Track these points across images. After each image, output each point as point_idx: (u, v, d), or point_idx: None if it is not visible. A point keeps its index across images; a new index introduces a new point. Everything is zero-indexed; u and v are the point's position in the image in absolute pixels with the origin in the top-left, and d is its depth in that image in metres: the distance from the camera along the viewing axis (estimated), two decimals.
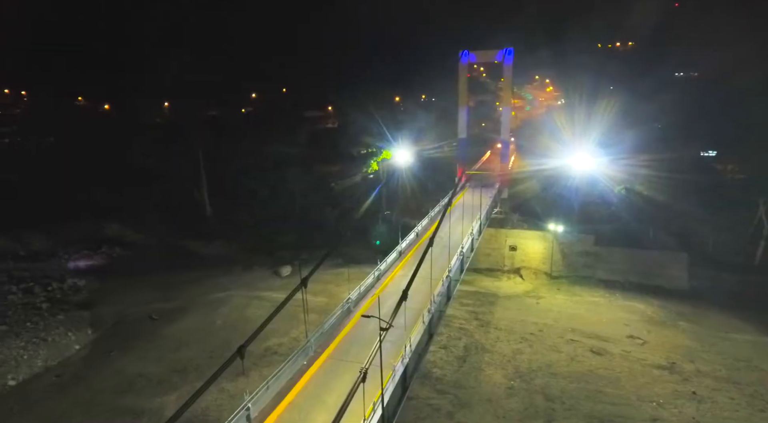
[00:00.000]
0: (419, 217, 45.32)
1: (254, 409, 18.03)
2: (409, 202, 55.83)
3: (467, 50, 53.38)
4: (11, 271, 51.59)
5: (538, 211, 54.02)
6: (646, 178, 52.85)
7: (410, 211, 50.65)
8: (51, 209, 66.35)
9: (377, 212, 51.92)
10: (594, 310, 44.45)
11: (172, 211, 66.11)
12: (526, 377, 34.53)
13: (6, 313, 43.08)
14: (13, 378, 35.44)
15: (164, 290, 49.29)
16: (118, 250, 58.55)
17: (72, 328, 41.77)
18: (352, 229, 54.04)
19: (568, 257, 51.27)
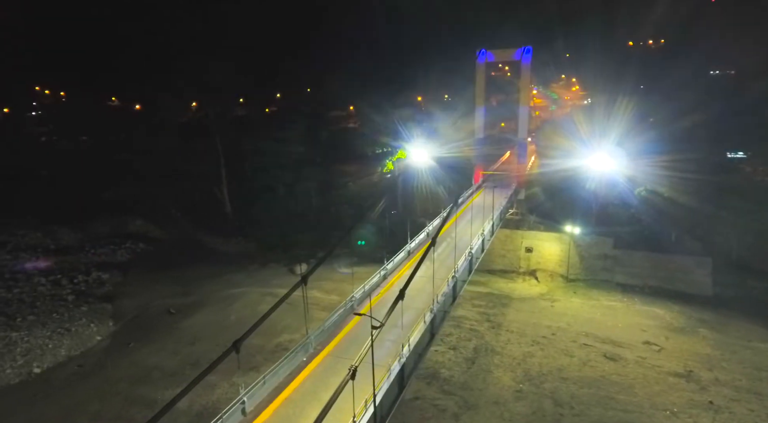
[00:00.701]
0: (433, 217, 45.15)
1: (250, 403, 18.42)
2: (423, 201, 55.72)
3: (485, 49, 52.84)
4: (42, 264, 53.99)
5: (556, 212, 53.06)
6: (669, 179, 51.19)
7: (424, 211, 50.51)
8: (81, 205, 69.36)
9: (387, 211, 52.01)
10: (610, 315, 43.41)
11: (194, 208, 67.92)
12: (535, 381, 34.06)
13: (35, 304, 45.17)
14: (38, 366, 37.13)
15: (183, 285, 50.70)
16: (141, 246, 60.51)
17: (94, 319, 43.45)
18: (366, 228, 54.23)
19: (586, 260, 50.19)
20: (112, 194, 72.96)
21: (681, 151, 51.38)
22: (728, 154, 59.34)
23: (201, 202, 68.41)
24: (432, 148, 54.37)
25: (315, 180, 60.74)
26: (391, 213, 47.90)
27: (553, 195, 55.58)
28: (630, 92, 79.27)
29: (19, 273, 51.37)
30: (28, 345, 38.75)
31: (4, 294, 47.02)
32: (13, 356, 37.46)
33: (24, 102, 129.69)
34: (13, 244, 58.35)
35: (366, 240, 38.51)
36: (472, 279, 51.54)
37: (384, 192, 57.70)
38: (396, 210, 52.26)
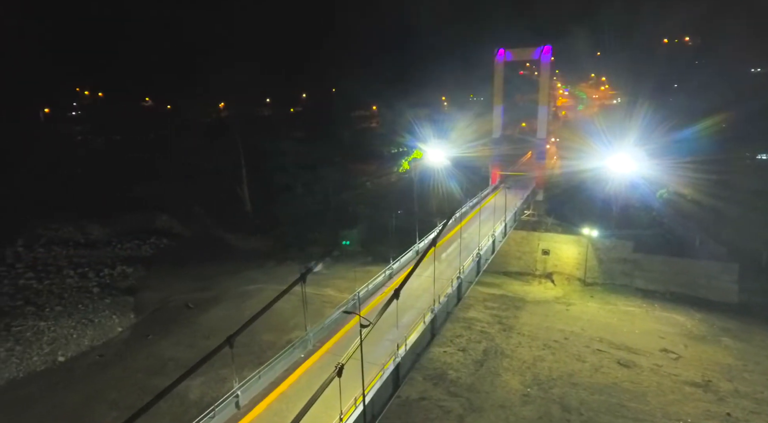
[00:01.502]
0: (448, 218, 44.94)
1: (244, 397, 18.89)
2: (438, 201, 55.52)
3: (503, 48, 52.21)
4: (71, 257, 56.57)
5: (574, 214, 51.94)
6: (694, 180, 49.31)
7: (439, 211, 50.35)
8: (112, 201, 72.20)
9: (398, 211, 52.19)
10: (627, 321, 42.24)
11: (216, 205, 69.72)
12: (544, 385, 33.53)
13: (63, 295, 47.39)
14: (63, 354, 38.95)
15: (202, 280, 52.17)
16: (165, 241, 62.52)
17: (117, 311, 45.24)
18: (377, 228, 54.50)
19: (605, 264, 48.98)
20: (141, 191, 75.54)
21: (707, 152, 49.43)
22: (758, 156, 56.68)
23: (223, 200, 70.20)
24: (448, 148, 54.12)
25: (333, 179, 61.36)
26: (398, 212, 47.77)
27: (572, 196, 54.41)
28: (661, 91, 76.81)
29: (50, 265, 53.91)
30: (54, 334, 40.68)
31: (36, 285, 49.50)
32: (40, 345, 39.41)
33: (65, 102, 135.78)
34: (47, 238, 61.24)
35: (376, 240, 38.85)
36: (486, 281, 51.43)
37: (400, 192, 57.74)
38: (401, 210, 52.20)
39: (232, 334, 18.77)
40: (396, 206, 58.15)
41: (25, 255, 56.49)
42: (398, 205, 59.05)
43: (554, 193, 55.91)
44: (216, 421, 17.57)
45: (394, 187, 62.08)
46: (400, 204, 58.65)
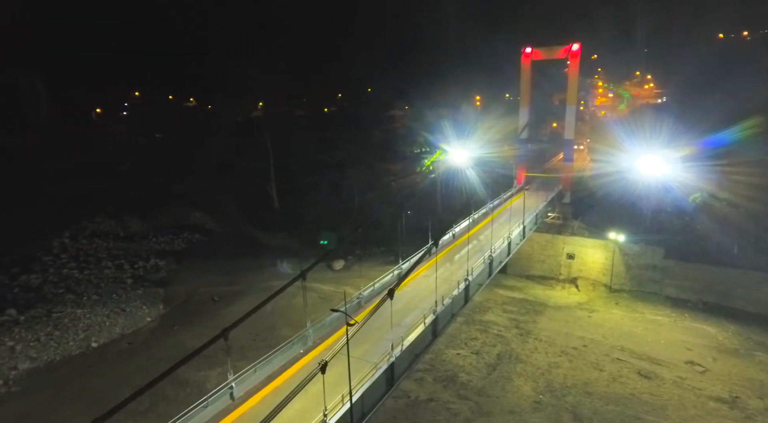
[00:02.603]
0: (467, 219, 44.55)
1: (240, 389, 19.60)
2: (460, 202, 54.93)
3: (530, 47, 51.09)
4: (110, 249, 59.89)
5: (603, 217, 50.21)
6: (732, 184, 46.47)
7: (459, 212, 49.77)
8: (151, 196, 75.93)
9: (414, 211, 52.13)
10: (653, 330, 40.50)
11: (247, 202, 71.93)
12: (557, 393, 32.77)
13: (99, 285, 50.29)
14: (95, 341, 41.40)
15: (228, 275, 54.00)
16: (197, 236, 65.09)
17: (147, 302, 47.57)
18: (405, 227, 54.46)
19: (633, 270, 47.08)
20: (178, 187, 79.05)
21: (748, 154, 46.45)
22: None
23: (253, 198, 72.34)
24: (472, 148, 53.51)
25: (359, 179, 61.96)
26: (407, 213, 47.71)
27: (600, 199, 52.55)
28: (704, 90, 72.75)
29: (91, 256, 57.33)
30: (89, 321, 43.26)
31: (77, 274, 52.76)
32: (76, 331, 42.03)
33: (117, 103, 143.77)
34: (90, 231, 65.05)
35: (399, 239, 39.31)
36: (508, 284, 50.69)
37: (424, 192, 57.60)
38: (410, 210, 52.12)
39: (227, 328, 19.55)
40: (419, 206, 58.14)
41: (70, 246, 60.25)
42: (422, 205, 59.02)
43: (582, 196, 54.14)
44: (209, 410, 18.31)
45: (417, 188, 62.08)
46: (423, 204, 58.52)
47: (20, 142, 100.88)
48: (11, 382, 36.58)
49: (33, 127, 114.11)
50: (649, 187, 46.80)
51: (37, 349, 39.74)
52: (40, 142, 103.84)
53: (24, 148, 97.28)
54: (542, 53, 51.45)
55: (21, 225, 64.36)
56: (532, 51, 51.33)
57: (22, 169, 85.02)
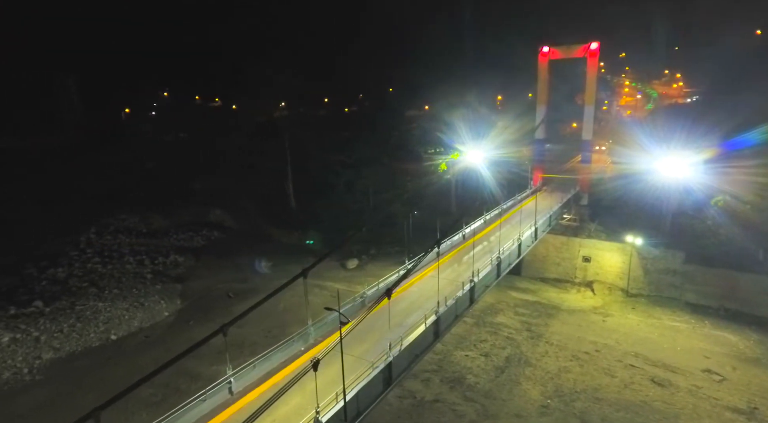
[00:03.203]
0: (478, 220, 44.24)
1: (238, 384, 20.05)
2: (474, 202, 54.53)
3: (547, 46, 50.30)
4: (133, 244, 61.77)
5: (621, 220, 49.03)
6: (759, 187, 44.65)
7: (474, 213, 49.43)
8: (174, 194, 77.98)
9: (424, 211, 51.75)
10: (670, 336, 39.37)
11: (265, 201, 73.10)
12: (566, 398, 32.27)
13: (121, 280, 51.95)
14: (115, 334, 42.84)
15: (244, 272, 55.04)
16: (216, 234, 66.48)
17: (165, 297, 48.90)
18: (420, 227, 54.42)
19: (651, 274, 45.85)
20: (200, 185, 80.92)
21: None
22: None
23: (271, 197, 73.44)
24: (487, 149, 53.02)
25: (374, 179, 62.16)
26: (414, 213, 47.59)
27: (618, 201, 51.30)
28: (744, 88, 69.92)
29: (115, 252, 59.26)
30: (109, 314, 44.78)
31: (101, 269, 54.61)
32: (96, 323, 43.56)
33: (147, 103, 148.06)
34: (115, 227, 67.17)
35: (413, 239, 39.50)
36: (521, 286, 50.10)
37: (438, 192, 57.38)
38: (424, 210, 51.88)
39: (225, 323, 20.04)
40: (434, 206, 57.95)
41: (95, 241, 62.40)
42: (437, 205, 58.84)
43: (600, 198, 52.95)
44: (207, 404, 18.79)
45: (433, 188, 61.90)
46: (438, 204, 58.33)
47: (55, 141, 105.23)
48: (35, 371, 38.23)
49: (67, 126, 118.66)
50: (670, 190, 45.43)
51: (60, 340, 41.36)
52: (73, 141, 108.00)
53: (58, 147, 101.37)
54: (560, 52, 50.56)
55: (53, 220, 67.22)
56: (550, 50, 50.52)
57: (57, 167, 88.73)
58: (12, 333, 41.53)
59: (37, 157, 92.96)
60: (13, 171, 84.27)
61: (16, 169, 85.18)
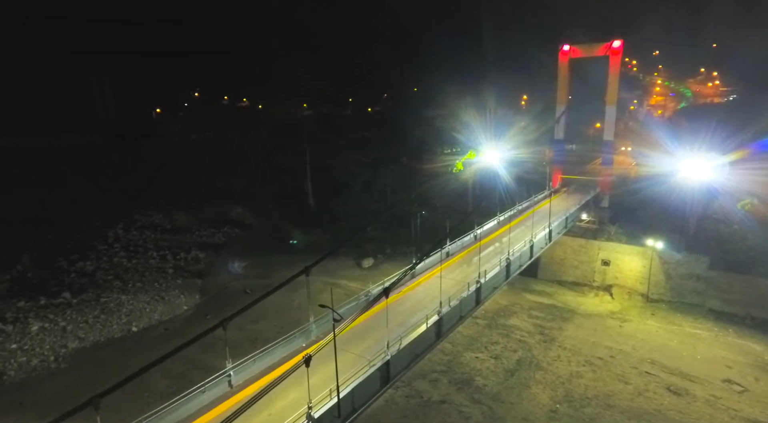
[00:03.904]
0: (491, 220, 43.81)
1: (238, 378, 20.55)
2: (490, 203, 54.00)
3: (567, 44, 49.31)
4: (158, 240, 63.81)
5: (643, 223, 47.62)
6: None
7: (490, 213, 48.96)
8: (198, 191, 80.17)
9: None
10: (690, 344, 38.04)
11: (285, 199, 74.27)
12: (575, 403, 31.64)
13: (144, 274, 53.80)
14: (136, 325, 44.40)
15: (261, 269, 56.05)
16: (236, 231, 68.00)
17: (185, 291, 50.37)
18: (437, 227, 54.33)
19: (673, 279, 44.39)
20: (223, 183, 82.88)
21: None
22: None
23: (291, 195, 74.58)
24: (505, 149, 52.34)
25: (392, 178, 62.28)
26: (422, 213, 47.35)
27: (641, 204, 49.79)
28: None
29: (140, 247, 61.37)
30: (131, 307, 46.45)
31: (126, 263, 56.68)
32: (119, 315, 45.25)
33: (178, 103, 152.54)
34: (141, 223, 69.62)
35: (429, 239, 39.54)
36: (537, 288, 49.38)
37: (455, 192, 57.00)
38: (425, 211, 51.58)
39: (225, 318, 20.52)
40: (451, 206, 57.65)
41: (122, 236, 64.79)
42: (454, 205, 58.50)
43: (621, 200, 51.51)
44: (207, 396, 19.36)
45: (449, 188, 61.57)
46: (455, 204, 57.98)
47: (89, 140, 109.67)
48: (60, 359, 40.02)
49: (101, 125, 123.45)
50: (695, 192, 43.82)
51: (85, 330, 43.18)
52: (107, 139, 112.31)
53: (92, 145, 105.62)
54: (581, 51, 49.46)
55: (85, 216, 70.09)
56: (570, 48, 49.48)
57: (91, 164, 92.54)
58: (41, 322, 43.65)
59: (73, 155, 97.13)
60: (50, 168, 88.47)
61: (52, 167, 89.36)
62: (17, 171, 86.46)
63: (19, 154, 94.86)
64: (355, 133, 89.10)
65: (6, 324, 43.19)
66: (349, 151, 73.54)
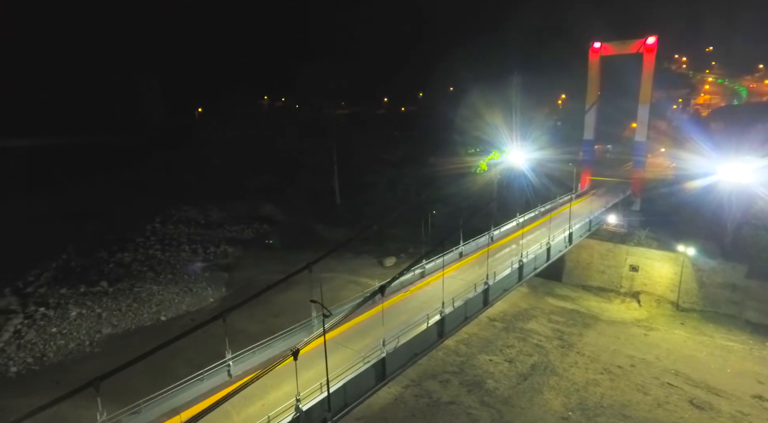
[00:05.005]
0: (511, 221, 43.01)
1: (239, 368, 21.31)
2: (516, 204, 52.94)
3: (599, 40, 47.64)
4: (191, 234, 66.53)
5: (676, 228, 45.39)
6: None
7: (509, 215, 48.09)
8: (233, 188, 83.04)
9: None
10: (720, 356, 36.02)
11: (313, 197, 75.65)
12: (589, 412, 30.70)
13: (176, 266, 56.27)
14: (164, 315, 46.53)
15: (286, 264, 57.14)
16: (265, 227, 69.86)
17: (212, 284, 52.30)
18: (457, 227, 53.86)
19: (707, 288, 42.10)
20: (256, 181, 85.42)
21: None
22: None
23: (319, 193, 75.88)
24: (534, 149, 51.23)
25: (416, 177, 62.19)
26: (432, 212, 46.85)
27: (675, 208, 47.43)
28: None
29: (174, 240, 64.20)
30: (162, 297, 48.72)
31: (160, 255, 59.46)
32: (150, 305, 47.55)
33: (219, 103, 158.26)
34: (177, 217, 72.79)
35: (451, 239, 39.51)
36: (561, 293, 48.13)
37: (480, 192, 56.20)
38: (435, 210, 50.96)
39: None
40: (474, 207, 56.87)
41: (159, 230, 67.98)
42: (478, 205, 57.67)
43: (654, 203, 49.27)
44: (206, 384, 20.22)
45: (474, 188, 60.75)
46: (480, 204, 57.12)
47: (138, 139, 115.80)
48: (94, 344, 42.53)
49: (149, 125, 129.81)
50: (733, 196, 41.37)
51: (118, 317, 45.67)
52: (153, 138, 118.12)
53: (141, 144, 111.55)
54: (613, 48, 47.64)
55: (129, 210, 74.14)
56: (602, 46, 47.76)
57: (138, 162, 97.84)
58: (80, 308, 46.54)
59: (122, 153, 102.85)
60: (101, 165, 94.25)
61: (103, 164, 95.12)
62: (73, 167, 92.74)
63: (75, 151, 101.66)
64: (385, 132, 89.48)
65: (49, 309, 46.37)
66: (377, 150, 74.00)
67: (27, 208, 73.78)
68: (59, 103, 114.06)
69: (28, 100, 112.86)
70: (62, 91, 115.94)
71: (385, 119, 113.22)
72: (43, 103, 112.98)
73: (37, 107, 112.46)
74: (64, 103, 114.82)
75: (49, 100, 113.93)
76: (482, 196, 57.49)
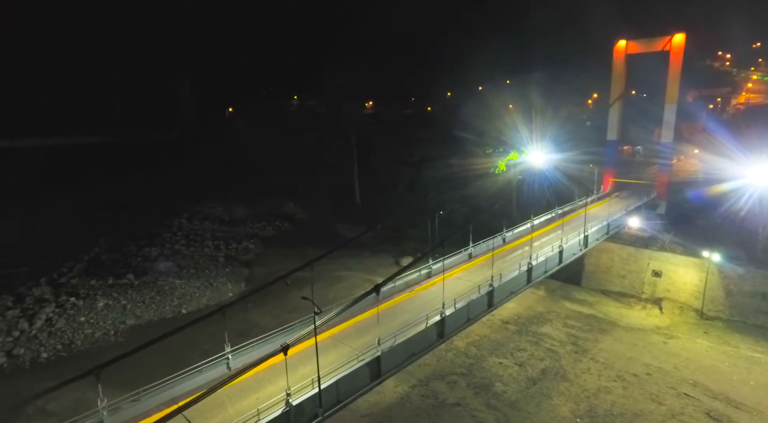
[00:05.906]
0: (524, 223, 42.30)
1: (238, 361, 21.90)
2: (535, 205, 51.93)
3: (624, 38, 46.17)
4: (214, 231, 68.40)
5: (703, 233, 43.57)
6: None
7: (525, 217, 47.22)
8: (257, 185, 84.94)
9: None
10: (744, 368, 34.38)
11: (334, 196, 76.45)
12: (598, 419, 29.96)
13: (198, 261, 57.97)
14: (185, 308, 48.11)
15: (304, 261, 58.00)
16: (286, 225, 71.09)
17: (232, 279, 53.65)
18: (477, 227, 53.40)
19: (734, 296, 40.24)
20: (280, 179, 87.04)
21: None
22: None
23: (340, 192, 76.62)
24: (556, 150, 50.18)
25: (434, 177, 61.89)
26: (439, 213, 46.31)
27: (702, 212, 45.49)
28: None
29: (198, 236, 66.17)
30: (183, 291, 50.36)
31: (185, 250, 61.39)
32: (172, 298, 49.25)
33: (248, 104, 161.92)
34: (203, 214, 75.00)
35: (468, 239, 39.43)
36: (579, 297, 47.07)
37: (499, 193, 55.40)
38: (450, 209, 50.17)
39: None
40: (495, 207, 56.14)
41: (185, 226, 70.21)
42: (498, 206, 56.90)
43: (680, 207, 47.39)
44: (204, 376, 20.89)
45: (493, 188, 59.95)
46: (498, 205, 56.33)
47: (172, 138, 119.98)
48: (119, 334, 44.39)
49: (182, 124, 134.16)
50: (763, 201, 39.38)
51: (142, 309, 47.50)
52: (186, 137, 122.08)
53: (171, 143, 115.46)
54: (639, 46, 46.07)
55: (159, 206, 77.01)
56: (627, 43, 46.26)
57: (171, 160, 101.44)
58: (107, 299, 48.66)
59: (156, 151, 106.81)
60: (137, 163, 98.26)
61: (139, 161, 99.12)
62: (111, 165, 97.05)
63: (113, 149, 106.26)
64: (409, 132, 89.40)
65: (79, 299, 48.67)
66: (398, 150, 74.05)
67: (79, 202, 78.25)
68: (97, 105, 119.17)
69: (70, 100, 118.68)
70: (99, 93, 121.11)
71: (410, 119, 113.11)
72: (84, 104, 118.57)
73: (78, 107, 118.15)
74: (102, 105, 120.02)
75: (88, 101, 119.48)
76: (500, 198, 56.61)
